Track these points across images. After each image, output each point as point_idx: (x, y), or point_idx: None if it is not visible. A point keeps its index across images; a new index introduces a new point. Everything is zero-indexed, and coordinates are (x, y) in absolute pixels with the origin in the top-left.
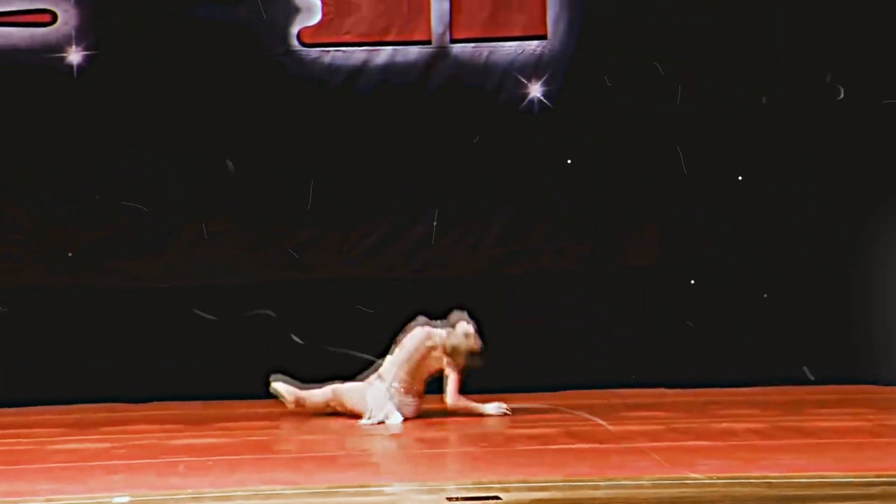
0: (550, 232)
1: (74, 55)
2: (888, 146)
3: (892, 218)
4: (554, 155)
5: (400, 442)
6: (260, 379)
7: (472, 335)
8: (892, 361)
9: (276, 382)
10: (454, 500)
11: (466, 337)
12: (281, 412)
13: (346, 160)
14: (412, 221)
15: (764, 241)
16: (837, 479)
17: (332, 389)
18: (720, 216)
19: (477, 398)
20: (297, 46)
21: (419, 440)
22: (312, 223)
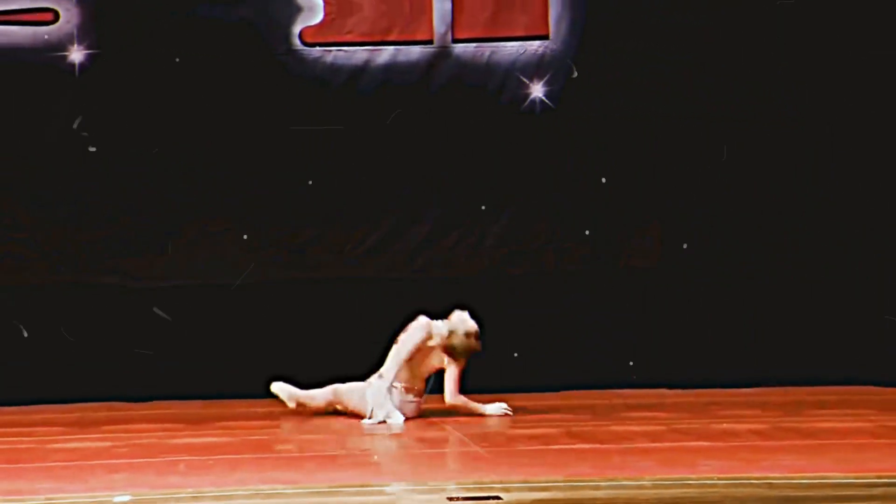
0: (551, 232)
1: (76, 54)
2: (888, 146)
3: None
4: (555, 155)
5: (401, 441)
6: (260, 378)
7: (472, 334)
8: (892, 362)
9: (275, 386)
10: (455, 499)
11: (467, 336)
12: (281, 412)
13: (347, 160)
14: (413, 221)
15: (764, 241)
16: (838, 479)
17: (332, 390)
18: (720, 216)
19: (478, 398)
20: (298, 46)
21: (420, 440)
22: (313, 223)
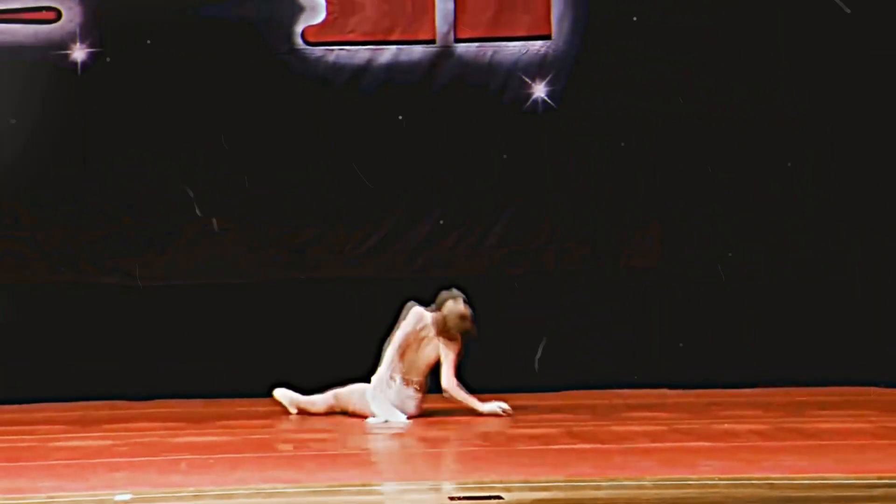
0: (552, 232)
1: (79, 52)
2: (888, 146)
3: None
4: (557, 155)
5: (402, 441)
6: (261, 377)
7: (466, 316)
8: (894, 363)
9: (277, 392)
10: (456, 499)
11: (462, 318)
12: (282, 411)
13: (348, 159)
14: (414, 221)
15: (764, 241)
16: (839, 480)
17: (333, 395)
18: (720, 216)
19: (479, 398)
20: (301, 45)
21: (421, 439)
22: (314, 223)
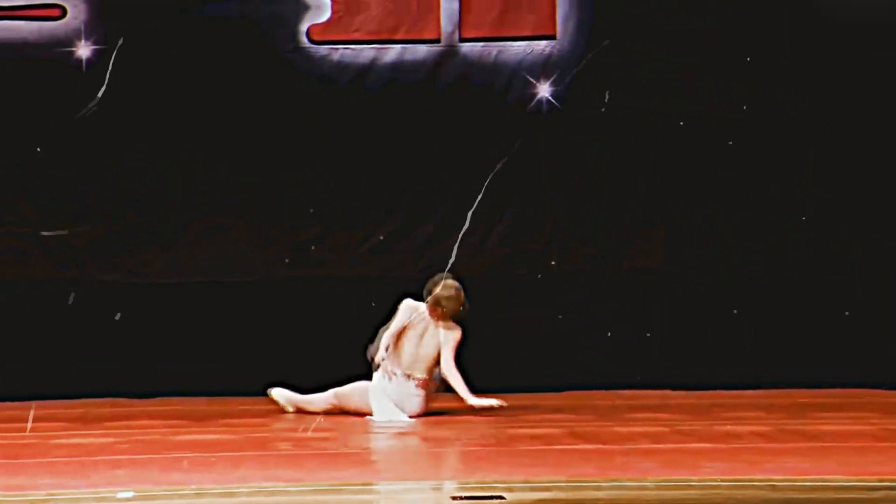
0: (556, 232)
1: (83, 49)
2: (888, 146)
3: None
4: (561, 155)
5: (404, 440)
6: (263, 376)
7: (453, 286)
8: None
9: (274, 392)
10: (458, 499)
11: (452, 292)
12: (281, 410)
13: (353, 158)
14: (418, 220)
15: (764, 241)
16: (840, 482)
17: (333, 394)
18: (721, 217)
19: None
20: (306, 44)
21: (423, 439)
22: (319, 221)
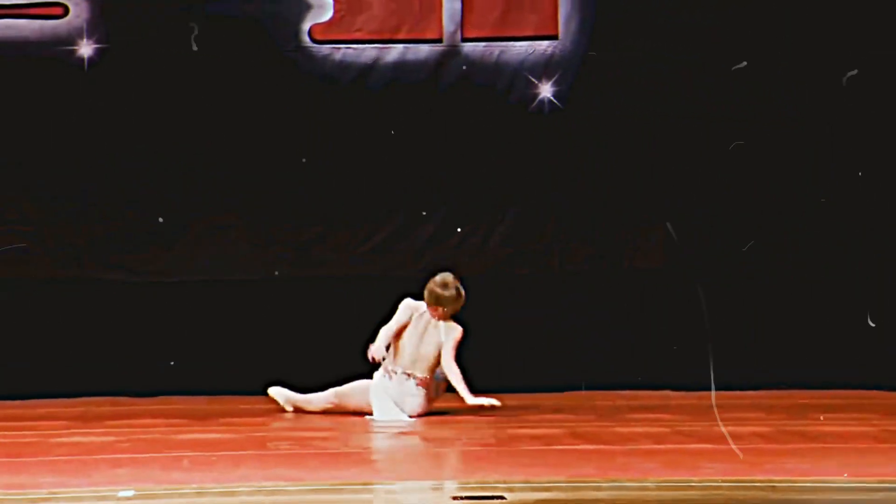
0: (557, 232)
1: (85, 48)
2: (888, 146)
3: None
4: (562, 155)
5: (404, 440)
6: (264, 375)
7: (447, 280)
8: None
9: (272, 390)
10: (459, 499)
11: (445, 286)
12: (280, 409)
13: (354, 157)
14: (420, 220)
15: (764, 241)
16: (841, 484)
17: (334, 393)
18: (721, 217)
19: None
20: (308, 43)
21: (424, 438)
22: (320, 220)
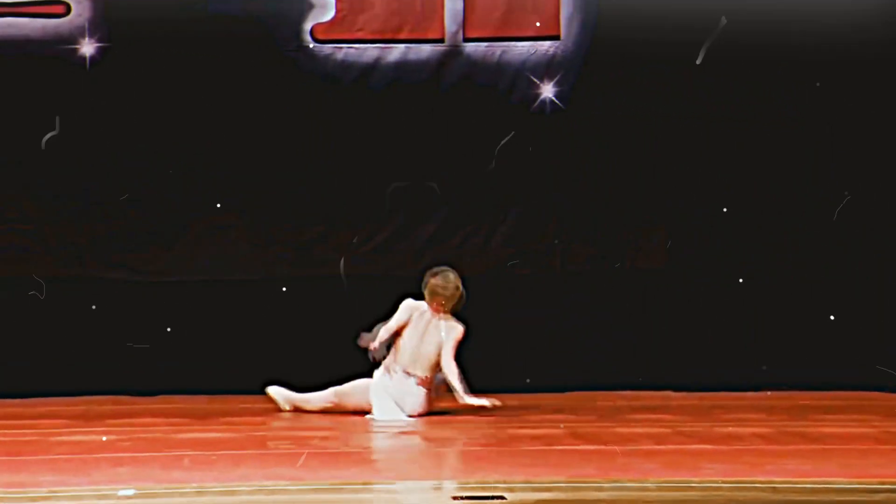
0: (558, 232)
1: (87, 47)
2: (888, 146)
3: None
4: (564, 156)
5: (405, 440)
6: (265, 375)
7: (443, 273)
8: None
9: (271, 389)
10: (459, 499)
11: (443, 278)
12: (279, 408)
13: (355, 157)
14: (421, 220)
15: (764, 241)
16: (842, 485)
17: (333, 392)
18: (720, 217)
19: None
20: (309, 42)
21: (424, 438)
22: (321, 220)
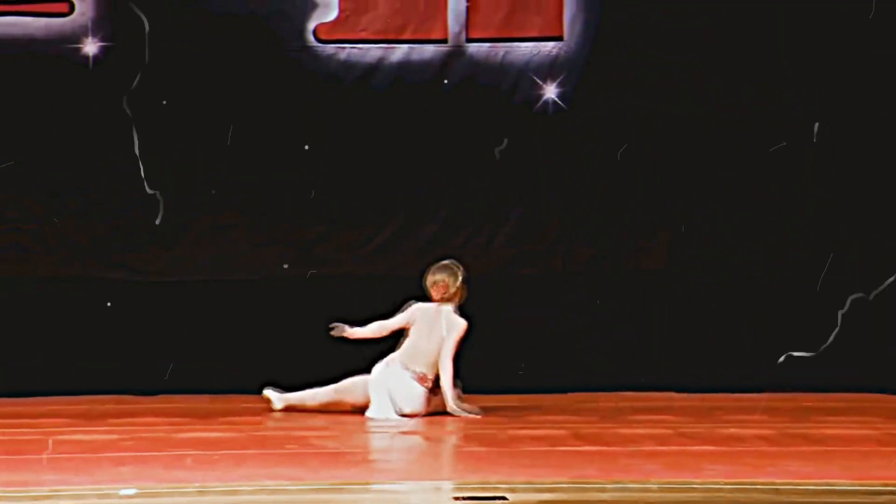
0: (561, 233)
1: (90, 46)
2: (888, 146)
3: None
4: (566, 156)
5: (406, 440)
6: (266, 374)
7: (452, 263)
8: None
9: (268, 392)
10: (460, 499)
11: (450, 269)
12: (287, 407)
13: (358, 157)
14: (423, 220)
15: (764, 241)
16: (844, 487)
17: (333, 389)
18: (721, 217)
19: (484, 398)
20: (313, 42)
21: (425, 438)
22: (323, 220)
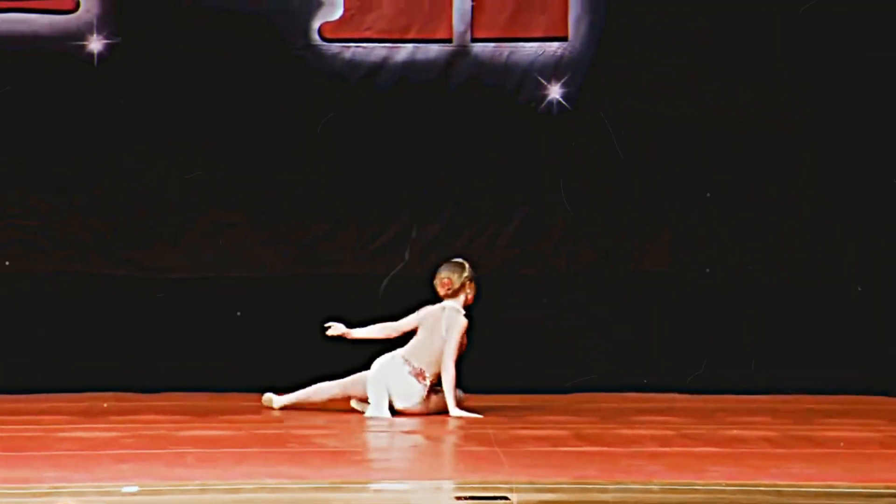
0: (564, 233)
1: (95, 43)
2: (885, 147)
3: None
4: (570, 157)
5: (408, 440)
6: (268, 373)
7: (459, 261)
8: None
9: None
10: (462, 499)
11: (457, 265)
12: (290, 406)
13: (362, 156)
14: (427, 220)
15: (764, 241)
16: (846, 489)
17: (337, 384)
18: (720, 217)
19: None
20: (317, 41)
21: (427, 438)
22: (327, 219)
